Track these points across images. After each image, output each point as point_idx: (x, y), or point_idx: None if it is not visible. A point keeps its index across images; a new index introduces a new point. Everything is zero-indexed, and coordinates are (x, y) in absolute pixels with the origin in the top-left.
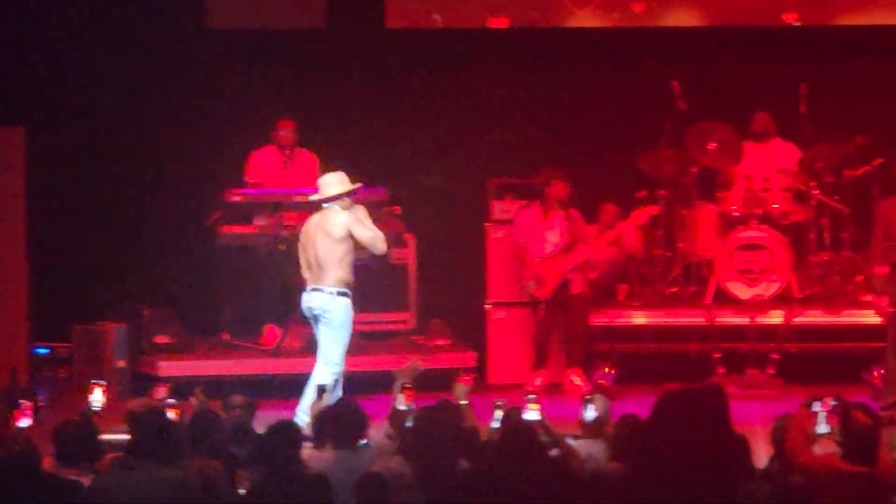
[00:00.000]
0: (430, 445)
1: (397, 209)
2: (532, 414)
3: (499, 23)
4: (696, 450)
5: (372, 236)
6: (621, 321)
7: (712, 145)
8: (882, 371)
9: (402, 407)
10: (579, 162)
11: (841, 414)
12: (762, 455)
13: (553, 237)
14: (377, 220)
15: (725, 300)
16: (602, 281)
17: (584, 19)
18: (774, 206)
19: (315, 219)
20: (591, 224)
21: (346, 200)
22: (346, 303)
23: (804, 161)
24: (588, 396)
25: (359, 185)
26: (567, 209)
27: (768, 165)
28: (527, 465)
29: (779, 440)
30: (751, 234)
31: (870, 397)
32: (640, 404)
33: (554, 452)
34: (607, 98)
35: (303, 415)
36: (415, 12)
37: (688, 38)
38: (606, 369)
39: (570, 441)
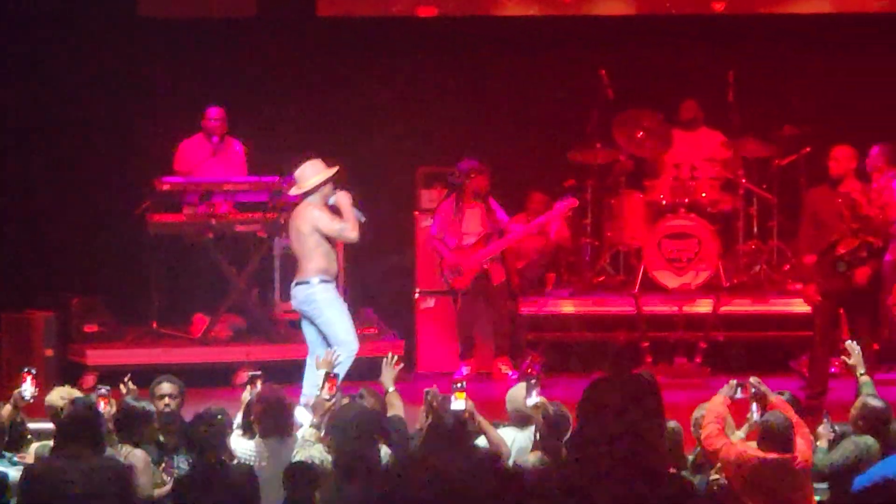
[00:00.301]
0: (350, 434)
1: None
2: (459, 402)
3: (427, 11)
4: (628, 439)
5: (339, 228)
6: (549, 310)
7: (640, 134)
8: (809, 360)
9: (325, 396)
10: (507, 150)
11: (759, 401)
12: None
13: (471, 228)
14: None
15: (653, 289)
16: (530, 270)
17: (512, 8)
18: (702, 194)
19: (294, 213)
20: (520, 213)
21: (328, 187)
22: (324, 287)
23: (732, 149)
24: (532, 381)
25: (336, 168)
26: (486, 199)
27: (696, 154)
28: (453, 453)
29: (699, 428)
30: (679, 222)
31: (798, 386)
32: (568, 393)
33: (481, 441)
34: (536, 87)
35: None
36: (346, 0)
37: (616, 27)
38: (534, 358)
39: (498, 429)
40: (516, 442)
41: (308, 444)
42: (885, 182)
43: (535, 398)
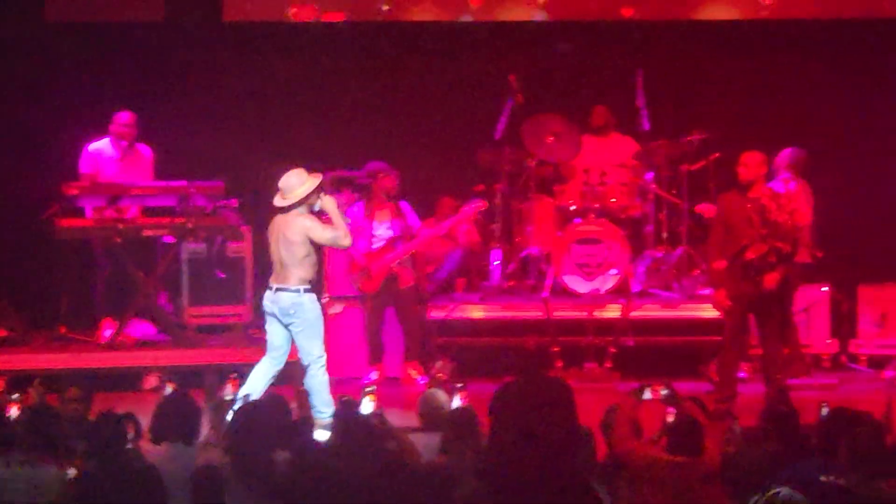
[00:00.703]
0: (248, 437)
1: (234, 202)
2: (368, 406)
3: (334, 17)
4: (538, 444)
5: (332, 237)
6: (459, 315)
7: (549, 139)
8: (718, 364)
9: (227, 397)
10: (417, 155)
11: (669, 404)
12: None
13: (381, 231)
14: (214, 213)
15: (563, 294)
16: (440, 274)
17: (420, 13)
18: (612, 200)
19: (277, 219)
20: (429, 217)
21: (313, 196)
22: (311, 298)
23: (642, 155)
24: (458, 385)
25: (321, 176)
26: (396, 202)
27: (606, 159)
28: (360, 458)
29: (606, 430)
30: (588, 228)
31: (706, 390)
32: (477, 398)
33: (391, 445)
34: (445, 91)
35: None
36: (252, 5)
37: (525, 32)
38: (444, 363)
39: (410, 434)
40: (427, 446)
41: (209, 447)
42: (794, 188)
43: (458, 401)
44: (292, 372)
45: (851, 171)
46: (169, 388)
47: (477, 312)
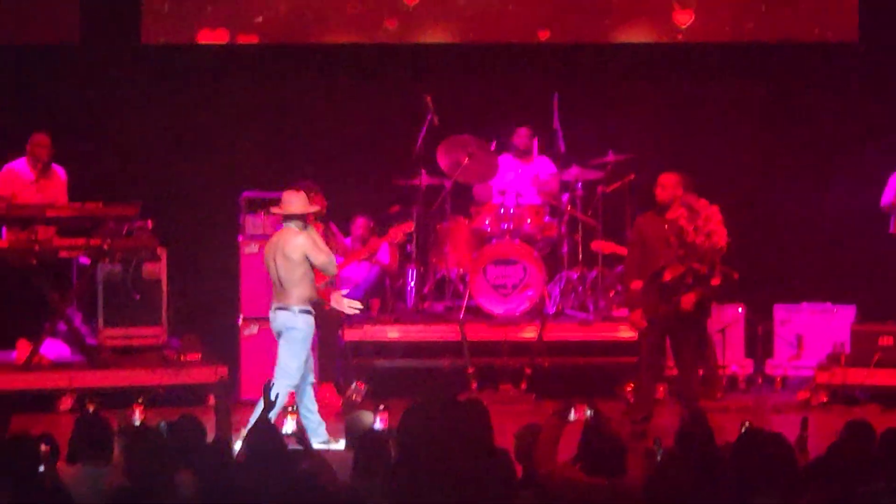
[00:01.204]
0: (140, 460)
1: (149, 224)
2: (290, 426)
3: (250, 38)
4: (454, 463)
5: (325, 262)
6: (375, 336)
7: (465, 160)
8: (634, 385)
9: (136, 422)
10: (333, 176)
11: (592, 424)
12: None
13: None
14: (129, 234)
15: (478, 315)
16: (355, 295)
17: (339, 35)
18: (528, 221)
19: (274, 239)
20: (345, 238)
21: (302, 221)
22: (308, 320)
23: (557, 176)
24: (380, 407)
25: (317, 208)
26: (326, 223)
27: (522, 181)
28: (271, 477)
29: (522, 451)
30: (504, 249)
31: (623, 411)
32: (392, 419)
33: (306, 465)
34: (362, 112)
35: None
36: (169, 28)
37: (442, 54)
38: (359, 385)
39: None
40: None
41: (118, 470)
42: (712, 209)
43: (379, 424)
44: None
45: (766, 191)
46: (90, 409)
47: (392, 334)
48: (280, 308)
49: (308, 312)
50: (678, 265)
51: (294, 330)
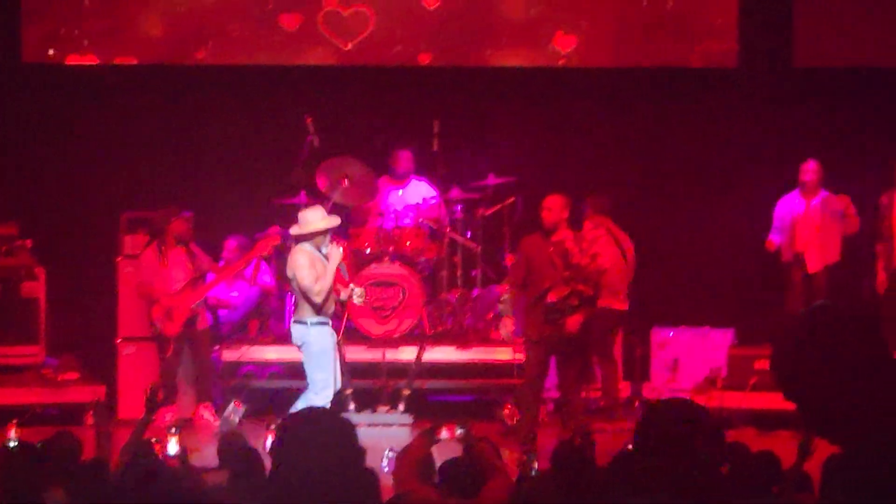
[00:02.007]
0: (21, 477)
1: (28, 243)
2: (173, 447)
3: (127, 60)
4: (325, 482)
5: (308, 286)
6: (252, 357)
7: (345, 182)
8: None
9: (12, 441)
10: (213, 196)
11: (464, 444)
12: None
13: (177, 274)
14: (8, 254)
15: (357, 336)
16: (234, 316)
17: (220, 56)
18: (407, 243)
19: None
20: (218, 260)
21: (326, 235)
22: (321, 331)
23: (437, 199)
24: (269, 425)
25: (337, 220)
26: (188, 244)
27: (402, 203)
28: (145, 497)
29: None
30: (383, 270)
31: (500, 432)
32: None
33: (185, 485)
34: (242, 133)
35: None
36: (50, 48)
37: (323, 76)
38: (236, 405)
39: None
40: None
41: None
42: (597, 231)
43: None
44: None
45: (644, 215)
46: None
47: (270, 354)
48: (296, 322)
49: (322, 324)
50: (563, 287)
51: (307, 344)
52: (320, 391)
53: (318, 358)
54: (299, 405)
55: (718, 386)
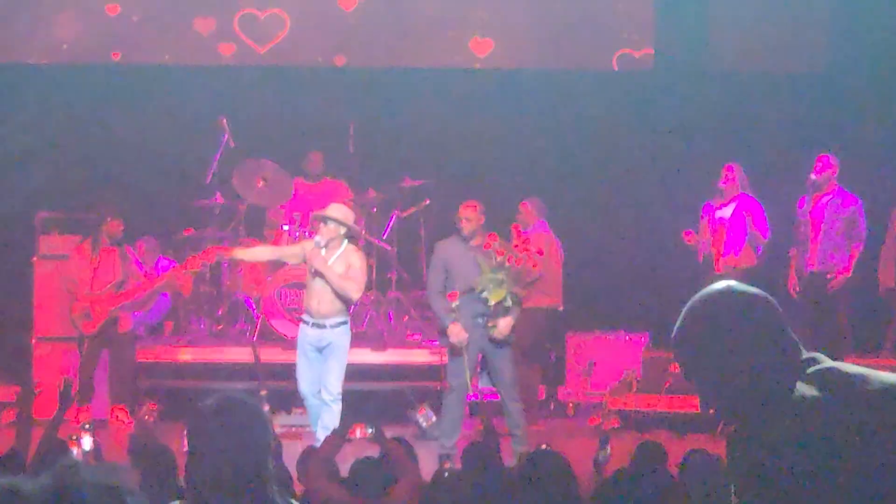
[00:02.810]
0: None
1: None
2: (87, 443)
3: (43, 59)
4: (236, 479)
5: (360, 286)
6: (167, 357)
7: (260, 183)
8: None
9: None
10: (129, 197)
11: (379, 444)
12: None
13: (104, 274)
14: None
15: (272, 338)
16: (148, 318)
17: (137, 55)
18: None
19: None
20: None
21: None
22: (347, 329)
23: (353, 201)
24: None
25: (355, 226)
26: (121, 245)
27: (317, 205)
28: (59, 493)
29: (301, 469)
30: (298, 272)
31: (414, 435)
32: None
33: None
34: (157, 133)
35: None
36: None
37: (239, 77)
38: (150, 406)
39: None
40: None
41: None
42: (532, 232)
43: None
44: None
45: (559, 219)
46: None
47: (185, 356)
48: (323, 324)
49: (345, 323)
50: (499, 290)
51: (336, 345)
52: (339, 398)
53: (344, 359)
54: (330, 421)
55: (633, 389)
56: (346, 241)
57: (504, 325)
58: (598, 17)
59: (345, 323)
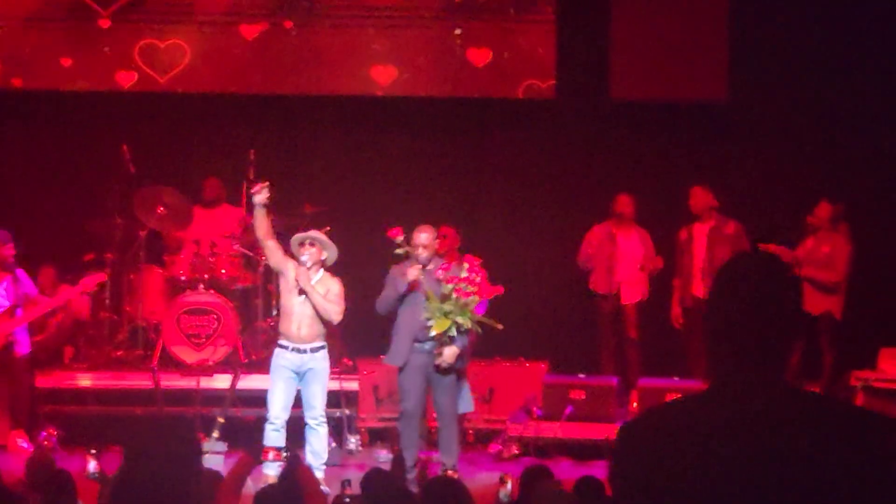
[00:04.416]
0: None
1: None
2: None
3: None
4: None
5: (340, 311)
6: (67, 383)
7: (160, 209)
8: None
9: None
10: (26, 222)
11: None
12: None
13: None
14: None
15: (172, 364)
16: (48, 343)
17: (37, 81)
18: (222, 271)
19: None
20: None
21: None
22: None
23: (251, 227)
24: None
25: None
26: (13, 270)
27: (217, 231)
28: None
29: (206, 495)
30: (197, 298)
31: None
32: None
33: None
34: (56, 158)
35: None
36: None
37: (139, 103)
38: (50, 432)
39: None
40: None
41: None
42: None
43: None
44: None
45: (464, 245)
46: None
47: (85, 381)
48: (307, 349)
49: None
50: (444, 321)
51: (320, 370)
52: (325, 421)
53: (326, 383)
54: (318, 444)
55: (534, 416)
56: (322, 268)
57: (449, 353)
58: (499, 49)
59: (324, 347)
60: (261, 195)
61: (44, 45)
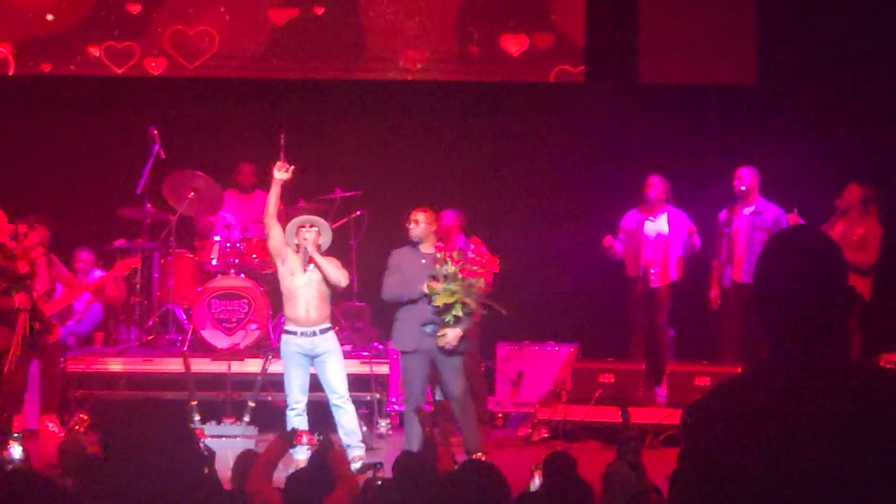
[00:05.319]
0: None
1: None
2: (17, 452)
3: None
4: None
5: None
6: (98, 368)
7: (191, 194)
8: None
9: None
10: (60, 207)
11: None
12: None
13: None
14: None
15: (202, 348)
16: (81, 327)
17: (64, 68)
18: (253, 256)
19: None
20: (69, 271)
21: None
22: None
23: (285, 212)
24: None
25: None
26: (48, 255)
27: (248, 216)
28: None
29: (237, 471)
30: (228, 283)
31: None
32: None
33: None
34: (88, 144)
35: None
36: None
37: (169, 87)
38: (82, 416)
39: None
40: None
41: None
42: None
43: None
44: None
45: (490, 228)
46: None
47: (115, 366)
48: (321, 330)
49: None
50: (449, 298)
51: (335, 350)
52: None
53: (342, 360)
54: (349, 423)
55: (563, 399)
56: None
57: (452, 335)
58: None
59: (331, 328)
60: (283, 172)
61: (73, 32)
